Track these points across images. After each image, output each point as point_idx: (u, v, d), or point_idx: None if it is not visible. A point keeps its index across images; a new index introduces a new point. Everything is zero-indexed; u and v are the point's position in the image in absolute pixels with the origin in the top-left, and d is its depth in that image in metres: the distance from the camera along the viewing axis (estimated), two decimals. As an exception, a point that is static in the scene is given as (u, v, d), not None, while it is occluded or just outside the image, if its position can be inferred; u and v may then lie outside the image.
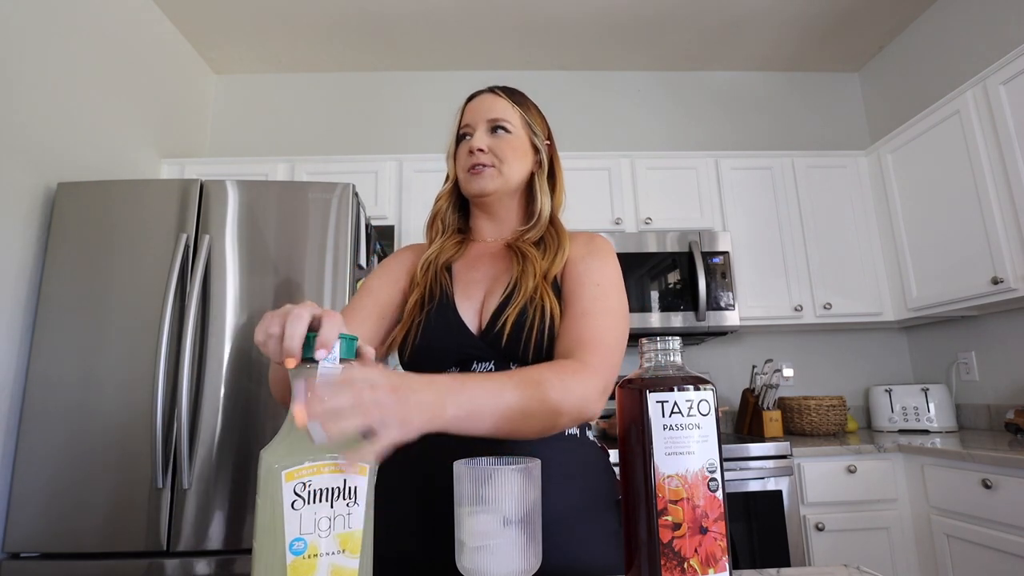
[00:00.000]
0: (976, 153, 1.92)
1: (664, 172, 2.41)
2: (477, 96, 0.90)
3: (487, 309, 0.79)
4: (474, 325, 0.79)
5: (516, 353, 0.76)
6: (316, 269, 1.67)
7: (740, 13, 2.50)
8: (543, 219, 0.88)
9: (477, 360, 0.77)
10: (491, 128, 0.87)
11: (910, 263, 2.23)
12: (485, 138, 0.86)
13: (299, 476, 0.45)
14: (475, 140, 0.85)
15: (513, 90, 0.91)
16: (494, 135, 0.86)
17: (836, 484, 1.85)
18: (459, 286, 0.83)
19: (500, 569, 0.47)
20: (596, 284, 0.79)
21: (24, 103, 1.68)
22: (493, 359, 0.77)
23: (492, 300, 0.80)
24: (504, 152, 0.85)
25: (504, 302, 0.78)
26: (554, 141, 0.95)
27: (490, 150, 0.85)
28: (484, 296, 0.82)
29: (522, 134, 0.88)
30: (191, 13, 2.41)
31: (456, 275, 0.85)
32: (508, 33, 2.61)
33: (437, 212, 0.92)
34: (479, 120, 0.87)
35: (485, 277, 0.84)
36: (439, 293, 0.81)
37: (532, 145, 0.89)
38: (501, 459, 0.52)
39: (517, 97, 0.90)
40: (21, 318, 1.63)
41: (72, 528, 1.48)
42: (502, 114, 0.87)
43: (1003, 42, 2.09)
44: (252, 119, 2.80)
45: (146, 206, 1.68)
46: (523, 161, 0.88)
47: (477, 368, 0.77)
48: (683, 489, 0.48)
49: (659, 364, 0.54)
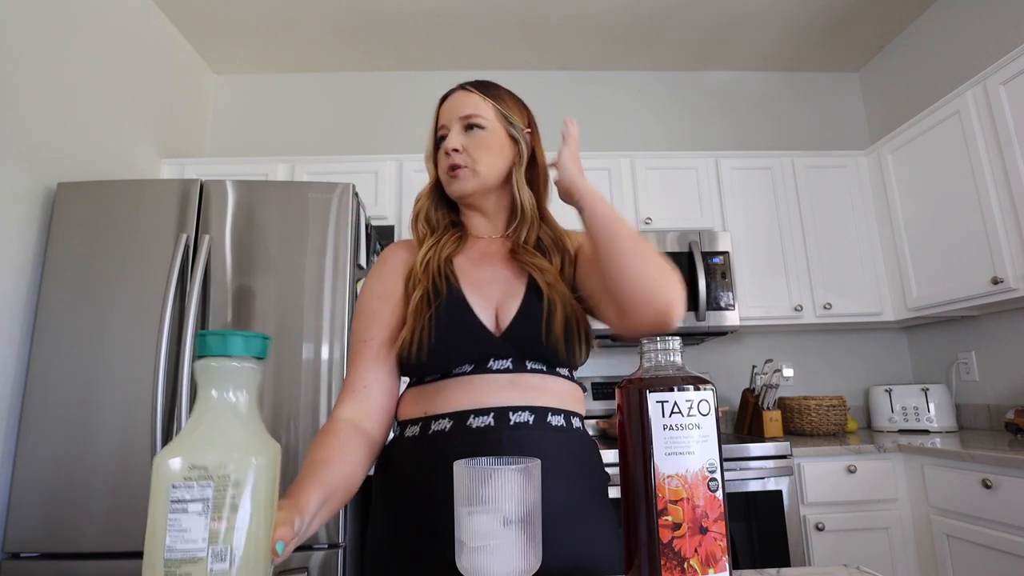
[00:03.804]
0: (976, 153, 1.92)
1: (664, 172, 2.41)
2: (450, 95, 0.89)
3: (505, 311, 0.79)
4: (491, 325, 0.79)
5: (538, 351, 0.78)
6: (316, 269, 1.67)
7: (740, 13, 2.50)
8: (528, 215, 0.87)
9: (494, 357, 0.77)
10: (465, 126, 0.85)
11: (910, 263, 2.23)
12: (459, 138, 0.84)
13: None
14: (449, 140, 0.84)
15: (485, 83, 0.89)
16: (469, 133, 0.85)
17: (836, 484, 1.85)
18: (467, 283, 0.82)
19: (500, 569, 0.47)
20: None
21: (24, 103, 1.68)
22: (511, 357, 0.78)
23: (511, 302, 0.80)
24: (478, 151, 0.84)
25: (528, 307, 0.79)
26: (536, 129, 0.92)
27: (464, 150, 0.84)
28: (500, 297, 0.81)
29: (498, 127, 0.86)
30: (191, 13, 2.41)
31: (460, 271, 0.83)
32: (508, 33, 2.61)
33: (419, 212, 0.90)
34: (452, 119, 0.86)
35: (495, 278, 0.83)
36: (446, 289, 0.79)
37: (510, 137, 0.87)
38: (501, 459, 0.52)
39: (489, 90, 0.88)
40: (21, 318, 1.63)
41: (72, 528, 1.48)
42: (474, 110, 0.85)
43: (1003, 42, 2.09)
44: (252, 119, 2.80)
45: (146, 206, 1.68)
46: (500, 156, 0.86)
47: (493, 365, 0.77)
48: (683, 489, 0.48)
49: (659, 364, 0.54)
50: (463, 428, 0.73)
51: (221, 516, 0.43)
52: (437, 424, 0.75)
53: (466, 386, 0.76)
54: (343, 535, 1.54)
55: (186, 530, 0.42)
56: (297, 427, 1.56)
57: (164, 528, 0.42)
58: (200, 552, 0.42)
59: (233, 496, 0.43)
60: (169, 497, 0.42)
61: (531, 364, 0.78)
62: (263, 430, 0.49)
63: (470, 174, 0.84)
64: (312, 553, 1.50)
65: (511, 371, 0.77)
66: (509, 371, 0.77)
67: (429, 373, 0.79)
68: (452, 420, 0.74)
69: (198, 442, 0.45)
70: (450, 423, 0.74)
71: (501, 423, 0.73)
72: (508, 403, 0.75)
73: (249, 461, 0.45)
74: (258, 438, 0.48)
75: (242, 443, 0.46)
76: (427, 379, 0.79)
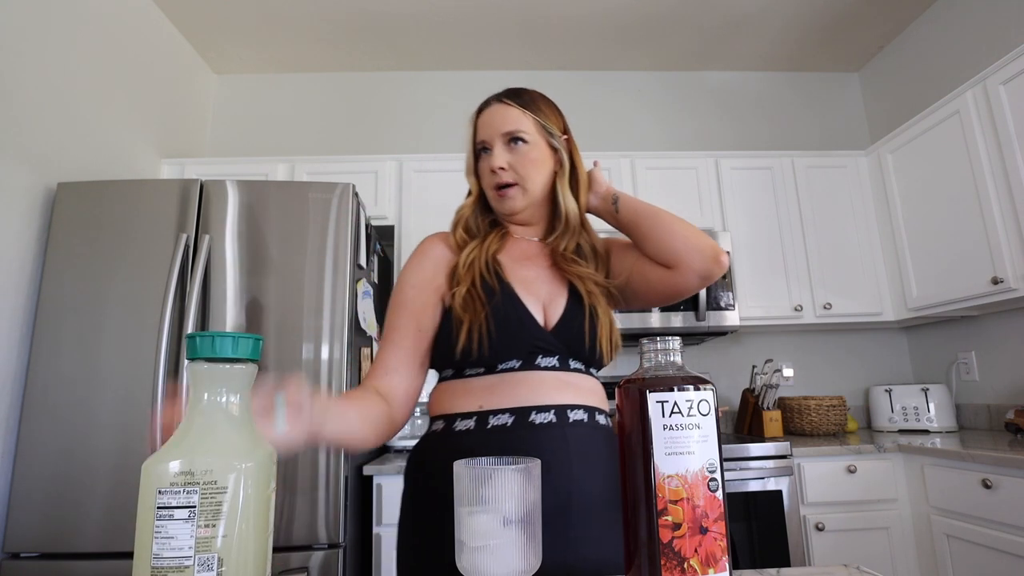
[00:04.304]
0: (976, 153, 1.92)
1: (664, 172, 2.41)
2: (487, 108, 0.89)
3: (552, 310, 0.83)
4: (541, 321, 0.82)
5: (581, 351, 0.82)
6: (316, 269, 1.67)
7: (740, 13, 2.50)
8: (572, 224, 0.90)
9: (543, 354, 0.81)
10: (508, 140, 0.86)
11: (910, 263, 2.23)
12: (505, 154, 0.86)
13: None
14: (495, 159, 0.86)
15: (520, 93, 0.90)
16: (512, 148, 0.86)
17: (836, 484, 1.85)
18: (514, 280, 0.84)
19: (500, 569, 0.47)
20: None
21: (24, 103, 1.68)
22: (558, 355, 0.81)
23: (558, 303, 0.84)
24: (525, 168, 0.86)
25: (572, 308, 0.83)
26: (570, 132, 0.93)
27: (511, 167, 0.86)
28: (546, 297, 0.84)
29: (539, 140, 0.87)
30: (191, 13, 2.41)
31: (507, 269, 0.85)
32: (508, 33, 2.61)
33: (459, 221, 0.91)
34: (494, 135, 0.87)
35: (540, 278, 0.86)
36: (498, 285, 0.81)
37: (550, 147, 0.89)
38: (501, 459, 0.52)
39: (527, 102, 0.88)
40: (21, 318, 1.63)
41: (72, 528, 1.48)
42: (516, 125, 0.86)
43: (1003, 42, 2.09)
44: (252, 119, 2.80)
45: (146, 206, 1.68)
46: (544, 169, 0.88)
47: (542, 362, 0.80)
48: (683, 489, 0.48)
49: (659, 364, 0.54)
50: (525, 423, 0.76)
51: (208, 523, 0.42)
52: (496, 419, 0.77)
53: (523, 382, 0.78)
54: (343, 535, 1.54)
55: (172, 537, 0.41)
56: (297, 427, 1.56)
57: (151, 535, 0.41)
58: (187, 560, 0.41)
59: (221, 503, 0.42)
60: (155, 503, 0.41)
61: (573, 363, 0.82)
62: (256, 433, 0.49)
63: (519, 192, 0.87)
64: (312, 553, 1.50)
65: (558, 369, 0.80)
66: (556, 369, 0.80)
67: (477, 366, 0.80)
68: (513, 415, 0.76)
69: (187, 447, 0.44)
70: (511, 418, 0.76)
71: (562, 420, 0.77)
72: (566, 401, 0.78)
73: (238, 466, 0.44)
74: (249, 442, 0.47)
75: (232, 448, 0.45)
76: (468, 373, 0.81)
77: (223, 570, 0.42)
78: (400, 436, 2.17)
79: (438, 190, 2.28)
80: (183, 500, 0.42)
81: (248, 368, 0.49)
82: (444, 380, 0.85)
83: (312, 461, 1.55)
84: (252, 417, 0.49)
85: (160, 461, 0.43)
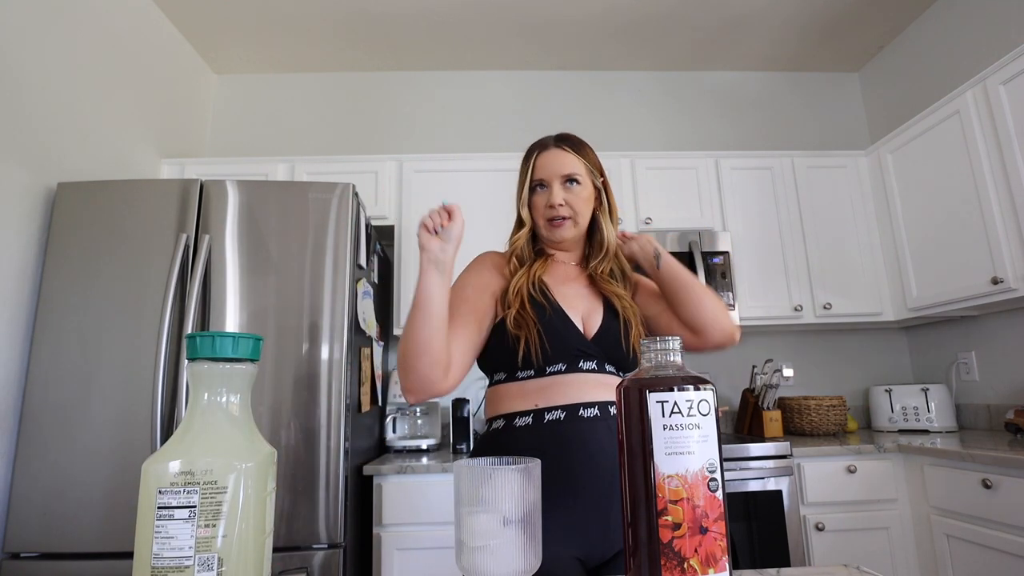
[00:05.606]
0: (976, 153, 1.92)
1: (664, 172, 2.41)
2: (546, 150, 1.04)
3: (591, 322, 0.98)
4: (583, 331, 0.97)
5: (617, 357, 0.97)
6: (316, 269, 1.67)
7: (740, 13, 2.50)
8: (611, 251, 1.06)
9: (585, 358, 0.95)
10: (565, 181, 1.01)
11: (910, 263, 2.23)
12: (562, 193, 1.01)
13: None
14: (554, 196, 1.00)
15: (575, 141, 1.05)
16: (568, 187, 1.01)
17: (836, 484, 1.85)
18: (559, 297, 0.98)
19: (500, 569, 0.47)
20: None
21: (25, 103, 1.68)
22: (597, 358, 0.95)
23: (596, 315, 0.99)
24: (578, 204, 1.02)
25: (608, 320, 0.98)
26: (606, 174, 1.09)
27: (567, 203, 1.01)
28: (587, 311, 0.99)
29: (588, 182, 1.03)
30: (191, 13, 2.41)
31: (552, 288, 0.99)
32: (508, 33, 2.61)
33: (513, 251, 1.05)
34: (553, 175, 1.01)
35: (580, 296, 1.01)
36: (548, 304, 0.96)
37: (594, 187, 1.05)
38: (501, 459, 0.52)
39: (579, 148, 1.04)
40: (21, 318, 1.63)
41: (72, 528, 1.48)
42: (573, 169, 1.02)
43: (1003, 42, 2.09)
44: (252, 119, 2.80)
45: (146, 206, 1.68)
46: (590, 205, 1.04)
47: (584, 366, 0.94)
48: (683, 489, 0.48)
49: (659, 364, 0.54)
50: (575, 417, 0.90)
51: (208, 523, 0.42)
52: (551, 415, 0.90)
53: (570, 383, 0.92)
54: (343, 535, 1.54)
55: (172, 537, 0.41)
56: (296, 427, 1.56)
57: (151, 535, 0.41)
58: (187, 560, 0.41)
59: (221, 503, 0.42)
60: (156, 503, 0.42)
61: (608, 366, 0.97)
62: (256, 433, 0.49)
63: (571, 224, 1.02)
64: (312, 553, 1.50)
65: (596, 371, 0.95)
66: (595, 371, 0.95)
67: (529, 369, 0.94)
68: (564, 411, 0.90)
69: (186, 447, 0.44)
70: (563, 413, 0.90)
71: (604, 413, 0.91)
72: (606, 398, 0.93)
73: (238, 466, 0.44)
74: (249, 442, 0.47)
75: (232, 447, 0.45)
76: (520, 376, 0.94)
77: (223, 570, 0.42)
78: (400, 436, 2.17)
79: (438, 190, 2.28)
80: (183, 500, 0.42)
81: (248, 368, 0.49)
82: (496, 384, 0.98)
83: (312, 461, 1.55)
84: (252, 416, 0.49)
85: (160, 461, 0.43)
